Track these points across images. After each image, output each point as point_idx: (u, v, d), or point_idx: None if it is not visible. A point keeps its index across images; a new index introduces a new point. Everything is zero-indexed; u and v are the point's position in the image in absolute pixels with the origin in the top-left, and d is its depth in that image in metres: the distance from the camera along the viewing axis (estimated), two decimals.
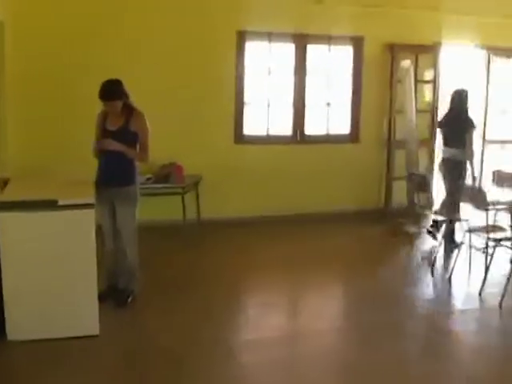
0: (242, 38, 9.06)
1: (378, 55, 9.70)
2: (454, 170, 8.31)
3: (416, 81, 9.86)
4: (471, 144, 8.21)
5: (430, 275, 7.60)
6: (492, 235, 7.14)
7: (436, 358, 5.61)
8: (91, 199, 5.48)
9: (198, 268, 7.55)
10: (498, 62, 10.74)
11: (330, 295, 7.14)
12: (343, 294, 7.25)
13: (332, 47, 9.68)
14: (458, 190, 7.84)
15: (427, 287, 7.37)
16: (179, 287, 6.86)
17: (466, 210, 7.73)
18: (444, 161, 8.50)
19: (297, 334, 5.95)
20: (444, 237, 8.20)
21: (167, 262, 7.66)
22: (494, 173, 8.87)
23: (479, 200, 7.20)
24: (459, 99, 8.41)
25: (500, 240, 7.12)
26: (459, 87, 8.68)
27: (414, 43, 9.68)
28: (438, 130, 8.77)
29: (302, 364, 5.33)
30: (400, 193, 9.54)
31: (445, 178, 8.51)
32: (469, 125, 8.24)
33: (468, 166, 8.24)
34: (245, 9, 8.86)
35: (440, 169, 8.63)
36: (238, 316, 6.41)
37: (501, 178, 8.56)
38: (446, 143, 8.48)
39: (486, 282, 7.09)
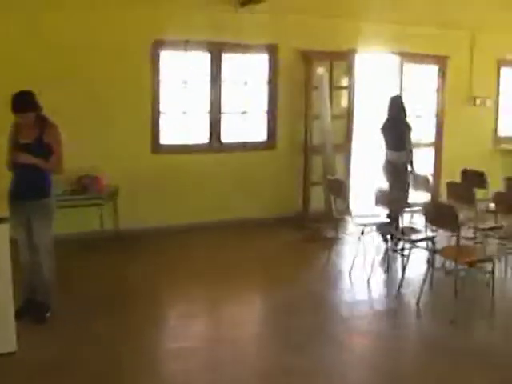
0: (157, 47, 9.02)
1: (293, 62, 9.80)
2: (397, 172, 8.73)
3: (332, 87, 9.99)
4: (410, 146, 8.70)
5: (348, 278, 7.72)
6: (407, 236, 7.31)
7: (357, 360, 5.72)
8: (5, 214, 5.36)
9: (117, 280, 7.45)
10: (410, 68, 10.98)
11: (251, 302, 7.17)
12: (264, 300, 7.26)
13: (247, 55, 9.74)
14: (402, 190, 8.42)
15: (346, 290, 7.48)
16: (98, 300, 6.76)
17: (383, 213, 7.89)
18: (387, 163, 8.89)
19: (220, 341, 5.95)
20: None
21: (86, 275, 7.54)
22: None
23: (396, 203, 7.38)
24: (396, 105, 8.87)
25: (415, 241, 7.30)
26: (394, 94, 9.38)
27: (329, 50, 9.81)
28: (380, 134, 9.04)
29: (226, 371, 5.34)
30: (318, 198, 9.64)
31: (388, 179, 8.86)
32: (406, 128, 8.73)
33: (409, 167, 8.74)
34: (160, 18, 8.82)
35: (383, 171, 8.97)
36: (160, 327, 6.36)
37: (415, 181, 8.76)
38: (388, 147, 8.88)
39: (404, 283, 7.25)
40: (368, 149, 14.49)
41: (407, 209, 8.53)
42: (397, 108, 8.86)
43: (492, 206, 7.97)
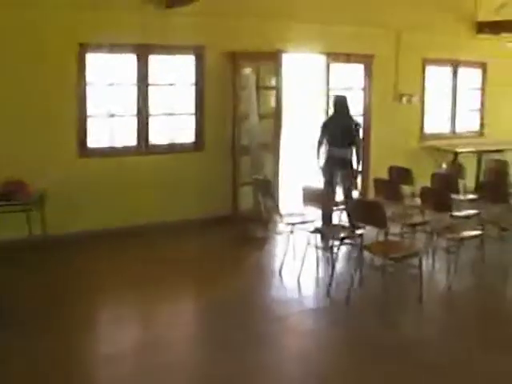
0: (83, 49, 8.88)
1: (221, 63, 9.78)
2: (342, 168, 8.93)
3: (259, 87, 10.01)
4: (360, 142, 9.15)
5: (279, 277, 7.75)
6: (336, 234, 7.38)
7: (289, 358, 5.75)
8: None
9: (46, 288, 7.29)
10: (337, 67, 11.08)
11: (182, 304, 7.12)
12: (196, 302, 7.25)
13: (174, 57, 9.69)
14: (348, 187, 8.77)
15: (277, 289, 7.51)
16: (29, 309, 6.62)
17: (312, 211, 7.94)
18: (331, 159, 9.06)
19: (152, 345, 5.89)
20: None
21: (14, 284, 7.36)
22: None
23: (321, 201, 7.43)
24: (341, 103, 9.17)
25: (343, 239, 7.37)
26: (339, 93, 9.71)
27: (256, 51, 9.82)
28: (322, 131, 9.21)
29: (159, 375, 5.29)
30: (248, 198, 9.65)
31: (331, 175, 9.01)
32: (355, 125, 9.09)
33: (354, 163, 9.05)
34: (86, 21, 8.68)
35: (325, 167, 9.12)
36: (90, 332, 6.26)
37: (342, 180, 8.86)
38: (333, 143, 9.05)
39: (333, 280, 7.32)
40: (297, 148, 14.64)
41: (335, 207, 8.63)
42: (342, 106, 9.15)
43: (419, 201, 8.11)
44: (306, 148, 13.49)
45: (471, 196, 9.12)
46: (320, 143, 9.20)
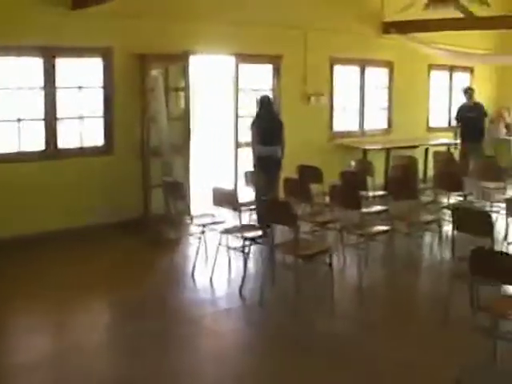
0: None
1: (129, 65, 9.65)
2: (271, 165, 9.31)
3: (168, 89, 9.95)
4: (283, 141, 9.41)
5: (191, 278, 7.73)
6: (246, 234, 7.39)
7: (204, 360, 5.73)
8: None
9: None
10: (246, 68, 11.10)
11: (94, 310, 6.99)
12: (109, 307, 7.11)
13: (82, 59, 9.53)
14: (273, 182, 9.11)
15: (190, 291, 7.48)
16: None
17: (221, 212, 7.94)
18: (261, 158, 9.39)
19: (64, 353, 5.76)
20: None
21: None
22: (245, 174, 9.18)
23: (232, 201, 7.44)
24: (267, 103, 9.55)
25: (254, 239, 7.40)
26: (264, 93, 10.01)
27: (165, 52, 9.74)
28: (251, 130, 9.58)
29: (74, 383, 5.21)
30: (159, 201, 9.57)
31: (262, 173, 9.24)
32: (281, 125, 9.50)
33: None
34: None
35: (256, 165, 9.47)
36: (1, 342, 6.11)
37: (251, 179, 8.88)
38: (262, 142, 9.37)
39: (246, 280, 7.34)
40: (209, 149, 14.64)
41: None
42: (266, 106, 9.51)
43: (328, 199, 8.20)
44: (217, 149, 13.53)
45: (380, 192, 9.28)
46: (252, 142, 9.57)
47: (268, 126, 9.45)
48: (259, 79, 11.43)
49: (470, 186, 10.20)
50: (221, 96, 13.59)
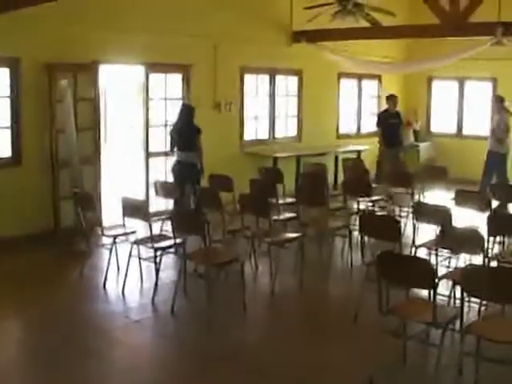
0: None
1: (37, 75, 9.46)
2: (188, 171, 9.73)
3: (76, 99, 9.82)
4: (201, 146, 9.79)
5: (103, 290, 7.66)
6: (157, 244, 7.37)
7: (116, 372, 5.69)
8: None
9: None
10: (156, 78, 11.07)
11: (6, 325, 6.78)
12: (20, 321, 6.93)
13: None
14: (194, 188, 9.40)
15: (102, 302, 7.40)
16: None
17: (134, 222, 7.88)
18: (179, 163, 9.87)
19: None
20: None
21: None
22: (155, 184, 9.15)
23: (142, 211, 7.42)
24: (186, 111, 10.05)
25: (165, 248, 7.38)
26: (185, 101, 10.76)
27: (73, 62, 9.59)
28: (171, 137, 10.15)
29: None
30: (69, 212, 9.43)
31: (178, 178, 9.78)
32: (197, 131, 9.85)
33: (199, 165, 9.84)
34: None
35: (174, 171, 9.96)
36: None
37: (162, 188, 8.86)
38: (179, 148, 9.91)
39: (158, 291, 7.31)
40: (121, 159, 14.52)
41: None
42: (187, 113, 10.00)
43: (239, 207, 8.25)
44: (129, 158, 13.44)
45: (290, 200, 9.37)
46: (171, 148, 10.11)
47: (184, 132, 9.89)
48: (170, 88, 11.39)
49: (379, 192, 10.43)
50: (132, 105, 13.49)
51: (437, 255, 6.67)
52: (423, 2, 11.46)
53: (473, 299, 6.02)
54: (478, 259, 6.66)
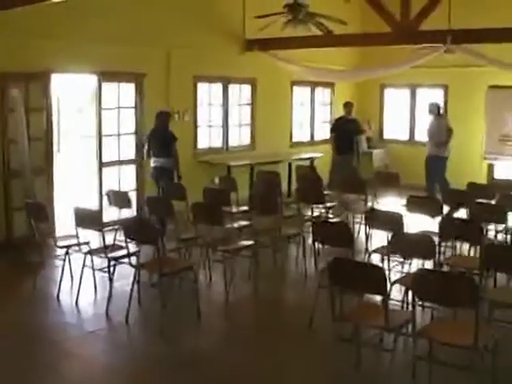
0: None
1: None
2: (164, 176, 10.13)
3: (28, 109, 9.72)
4: (177, 153, 10.31)
5: (56, 301, 7.58)
6: (111, 254, 7.33)
7: None
8: None
9: None
10: (109, 87, 11.00)
11: None
12: None
13: None
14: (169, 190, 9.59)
15: (55, 314, 7.32)
16: None
17: (87, 232, 7.82)
18: (155, 168, 10.38)
19: None
20: None
21: None
22: (108, 193, 9.10)
23: (95, 221, 7.37)
24: (162, 118, 10.53)
25: (119, 258, 7.35)
26: (163, 109, 10.94)
27: (25, 71, 9.49)
28: (148, 143, 10.61)
29: None
30: (21, 223, 9.33)
31: (157, 182, 10.23)
32: (173, 138, 10.34)
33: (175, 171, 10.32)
34: None
35: (152, 175, 10.51)
36: None
37: (115, 198, 8.81)
38: (155, 154, 10.41)
39: (112, 301, 7.27)
40: (74, 169, 14.42)
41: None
42: (163, 120, 10.48)
43: (192, 216, 8.23)
44: (82, 169, 13.36)
45: (244, 208, 9.39)
46: (148, 154, 10.60)
47: (161, 138, 10.37)
48: (123, 97, 11.33)
49: (333, 199, 10.50)
50: (85, 115, 13.40)
51: (389, 261, 6.73)
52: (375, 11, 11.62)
53: (427, 303, 6.11)
54: (430, 264, 6.75)
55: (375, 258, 7.50)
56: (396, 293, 6.65)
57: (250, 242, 8.10)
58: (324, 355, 5.99)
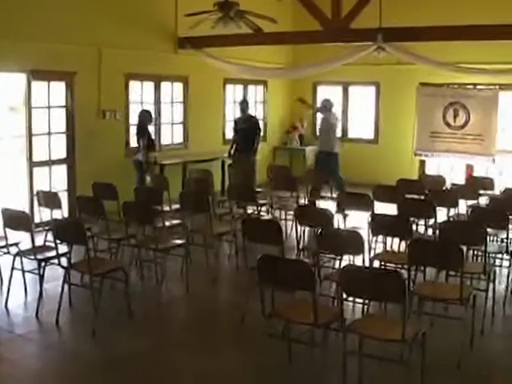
0: None
1: None
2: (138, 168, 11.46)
3: None
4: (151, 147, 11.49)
5: None
6: (40, 256, 7.22)
7: None
8: None
9: None
10: (39, 86, 10.82)
11: None
12: None
13: None
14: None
15: None
16: None
17: (16, 234, 7.69)
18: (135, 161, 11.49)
19: None
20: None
21: None
22: (37, 193, 8.96)
23: (24, 222, 7.26)
24: (144, 117, 11.58)
25: (48, 259, 7.25)
26: (144, 108, 12.09)
27: None
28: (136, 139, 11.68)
29: None
30: None
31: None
32: (145, 133, 11.42)
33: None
34: None
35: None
36: None
37: (44, 198, 8.68)
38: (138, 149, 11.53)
39: (43, 303, 7.17)
40: (3, 169, 14.12)
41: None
42: (143, 118, 11.54)
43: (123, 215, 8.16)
44: (12, 169, 13.11)
45: (176, 206, 9.35)
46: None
47: (142, 136, 11.50)
48: (53, 96, 11.16)
49: (265, 196, 10.55)
50: (14, 114, 13.13)
51: (318, 257, 6.77)
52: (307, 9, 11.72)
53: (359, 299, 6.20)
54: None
55: (308, 255, 7.56)
56: (329, 289, 6.72)
57: (181, 241, 8.09)
58: (256, 352, 6.01)
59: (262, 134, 13.81)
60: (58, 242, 7.09)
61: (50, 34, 10.47)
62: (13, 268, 7.53)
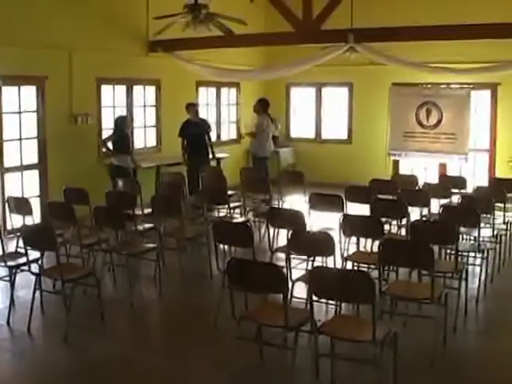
0: None
1: None
2: (122, 172, 11.20)
3: None
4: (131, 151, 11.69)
5: None
6: (11, 262, 7.18)
7: None
8: None
9: None
10: (10, 91, 10.72)
11: None
12: None
13: None
14: None
15: None
16: None
17: None
18: (114, 166, 11.48)
19: None
20: None
21: None
22: (8, 199, 8.88)
23: None
24: (121, 122, 11.62)
25: (19, 266, 7.20)
26: (121, 114, 12.26)
27: None
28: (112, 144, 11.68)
29: None
30: None
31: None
32: (127, 138, 11.59)
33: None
34: None
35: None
36: None
37: (16, 205, 8.61)
38: (114, 153, 11.57)
39: (14, 309, 7.12)
40: None
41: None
42: (122, 124, 11.57)
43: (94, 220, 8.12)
44: None
45: (149, 210, 9.31)
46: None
47: (117, 139, 11.50)
48: (24, 101, 11.07)
49: (237, 199, 10.54)
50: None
51: (288, 259, 6.73)
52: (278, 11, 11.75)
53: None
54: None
55: (281, 257, 7.54)
56: (300, 291, 6.72)
57: (153, 245, 8.07)
58: (228, 354, 6.01)
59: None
60: (28, 248, 7.03)
61: (19, 38, 10.37)
62: None
